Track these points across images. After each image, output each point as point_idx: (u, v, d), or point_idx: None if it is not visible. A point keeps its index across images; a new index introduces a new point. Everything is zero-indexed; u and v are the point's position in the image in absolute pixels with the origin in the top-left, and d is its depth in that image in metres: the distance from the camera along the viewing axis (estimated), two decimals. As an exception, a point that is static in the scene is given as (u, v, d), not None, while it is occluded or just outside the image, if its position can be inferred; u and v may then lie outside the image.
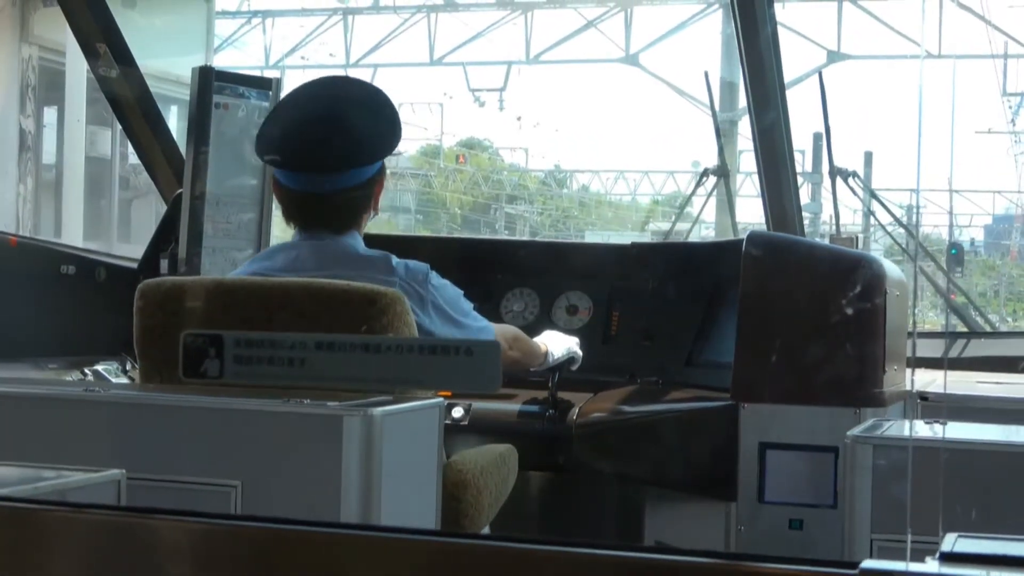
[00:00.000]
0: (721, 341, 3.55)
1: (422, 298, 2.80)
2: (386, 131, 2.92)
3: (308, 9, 22.60)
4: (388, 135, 2.92)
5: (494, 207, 30.29)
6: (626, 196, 31.46)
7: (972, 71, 19.18)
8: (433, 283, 2.87)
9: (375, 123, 2.91)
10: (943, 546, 1.14)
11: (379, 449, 2.05)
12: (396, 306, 2.55)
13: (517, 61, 22.45)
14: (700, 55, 31.48)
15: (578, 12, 21.54)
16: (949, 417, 2.38)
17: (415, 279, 2.84)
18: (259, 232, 3.96)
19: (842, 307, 3.02)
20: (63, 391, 2.46)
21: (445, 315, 2.86)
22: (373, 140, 2.89)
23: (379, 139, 2.90)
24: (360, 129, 2.88)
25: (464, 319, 2.92)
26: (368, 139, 2.88)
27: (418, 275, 2.86)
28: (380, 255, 2.88)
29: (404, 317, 2.56)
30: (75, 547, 1.32)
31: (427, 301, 2.82)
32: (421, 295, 2.81)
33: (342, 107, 2.92)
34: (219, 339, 1.59)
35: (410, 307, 2.63)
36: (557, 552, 1.20)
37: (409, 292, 2.74)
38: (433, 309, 2.84)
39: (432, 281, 2.87)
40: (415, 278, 2.84)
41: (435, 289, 2.87)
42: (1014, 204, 27.02)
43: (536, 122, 35.76)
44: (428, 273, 2.87)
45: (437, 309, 2.85)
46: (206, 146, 3.91)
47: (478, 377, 1.60)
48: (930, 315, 11.56)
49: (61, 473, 1.64)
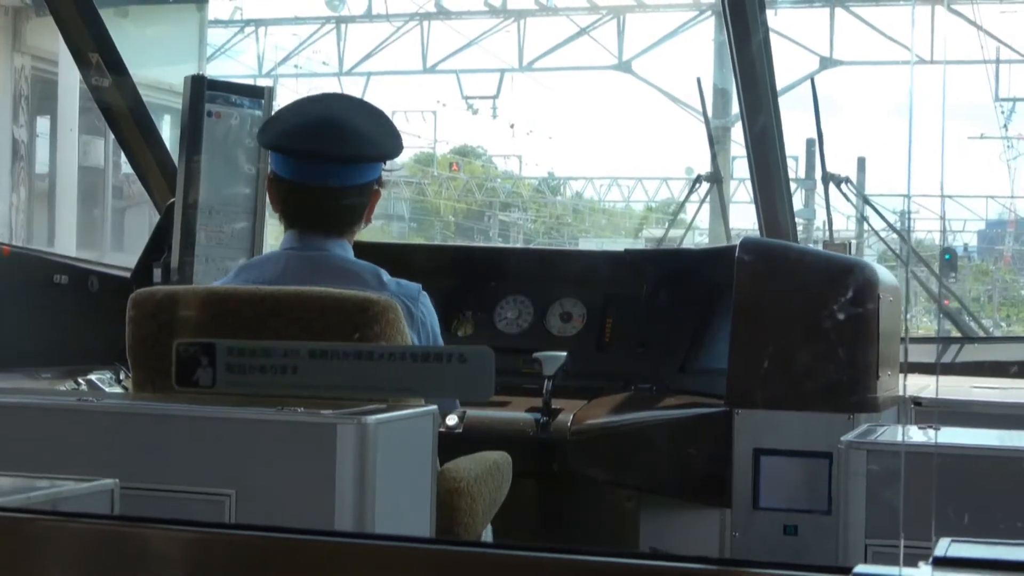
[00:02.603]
0: (715, 347, 3.55)
1: (411, 315, 2.81)
2: (389, 134, 2.98)
3: (301, 17, 22.60)
4: (391, 138, 2.98)
5: (488, 214, 30.30)
6: (620, 203, 31.46)
7: (964, 76, 19.19)
8: (423, 304, 2.90)
9: (378, 126, 2.96)
10: (936, 551, 1.14)
11: (373, 457, 2.04)
12: (388, 314, 2.55)
13: (510, 69, 22.47)
14: (693, 62, 31.53)
15: (571, 20, 21.57)
16: (942, 422, 2.38)
17: (408, 295, 2.85)
18: (252, 241, 3.95)
19: (835, 313, 3.03)
20: (56, 400, 2.45)
21: (427, 338, 2.87)
22: (377, 138, 2.94)
23: (382, 139, 2.96)
24: (364, 128, 2.94)
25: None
26: (372, 137, 2.93)
27: (411, 292, 2.87)
28: (371, 269, 2.89)
29: (396, 325, 2.56)
30: (69, 557, 1.32)
31: (415, 319, 2.84)
32: (411, 311, 2.82)
33: (346, 109, 3.01)
34: (211, 348, 1.59)
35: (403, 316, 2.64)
36: (552, 559, 1.20)
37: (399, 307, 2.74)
38: (421, 328, 2.85)
39: (423, 301, 2.89)
40: (408, 294, 2.85)
41: (425, 310, 2.89)
42: (1007, 209, 27.07)
43: (529, 129, 35.81)
44: (420, 293, 2.90)
45: (424, 329, 2.86)
46: (199, 155, 3.90)
47: (472, 385, 1.60)
48: (923, 320, 11.57)
49: (54, 483, 1.64)
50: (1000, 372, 3.99)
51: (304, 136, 2.92)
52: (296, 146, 2.91)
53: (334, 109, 2.99)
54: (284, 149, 2.93)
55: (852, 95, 40.17)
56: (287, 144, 2.92)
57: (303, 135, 2.92)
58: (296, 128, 2.93)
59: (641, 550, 3.51)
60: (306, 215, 2.94)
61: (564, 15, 21.72)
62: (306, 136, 2.92)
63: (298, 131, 2.92)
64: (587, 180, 30.90)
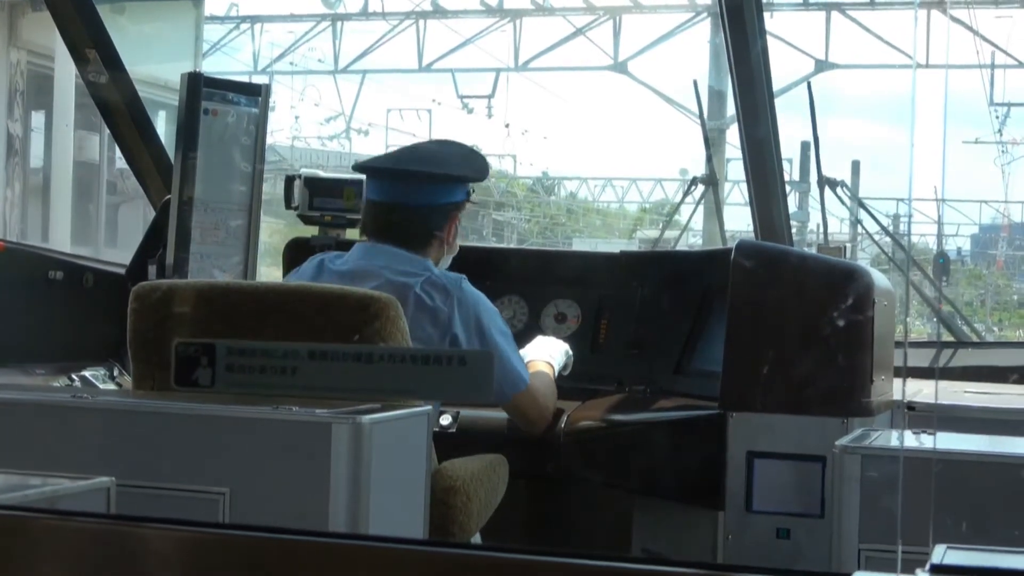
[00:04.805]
0: (709, 350, 3.55)
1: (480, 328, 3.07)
2: (467, 159, 3.26)
3: (297, 15, 22.54)
4: (469, 162, 3.25)
5: (482, 213, 30.26)
6: (614, 203, 31.43)
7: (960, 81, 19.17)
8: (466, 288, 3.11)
9: (458, 152, 3.26)
10: (933, 558, 1.14)
11: (368, 456, 2.04)
12: (389, 311, 2.55)
13: (506, 68, 22.43)
14: (688, 63, 31.51)
15: (567, 20, 21.52)
16: (936, 427, 2.38)
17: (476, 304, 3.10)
18: (247, 238, 3.95)
19: (831, 317, 3.03)
20: (50, 397, 2.45)
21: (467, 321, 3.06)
22: (452, 160, 3.22)
23: (459, 160, 3.23)
24: (442, 154, 3.25)
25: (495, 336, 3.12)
26: (448, 160, 3.21)
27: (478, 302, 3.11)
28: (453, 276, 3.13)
29: (397, 323, 2.57)
30: (66, 556, 1.32)
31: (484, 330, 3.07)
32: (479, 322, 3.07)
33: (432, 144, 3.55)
34: (211, 348, 1.58)
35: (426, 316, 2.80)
36: (546, 562, 1.20)
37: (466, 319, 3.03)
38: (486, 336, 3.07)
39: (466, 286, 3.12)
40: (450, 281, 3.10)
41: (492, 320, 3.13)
42: (1001, 214, 27.07)
43: (524, 129, 35.76)
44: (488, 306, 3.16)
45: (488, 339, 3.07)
46: (194, 151, 3.90)
47: (471, 387, 1.60)
48: (917, 324, 11.56)
49: (49, 480, 1.64)
50: (994, 377, 3.99)
51: (387, 159, 3.31)
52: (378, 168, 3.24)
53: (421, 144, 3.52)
54: (363, 168, 3.26)
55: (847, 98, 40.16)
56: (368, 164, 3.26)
57: (385, 160, 3.31)
58: (382, 156, 3.37)
59: (634, 551, 3.51)
60: (384, 225, 3.16)
61: (560, 15, 21.68)
62: (388, 159, 3.30)
63: (382, 158, 3.36)
64: (581, 180, 30.88)
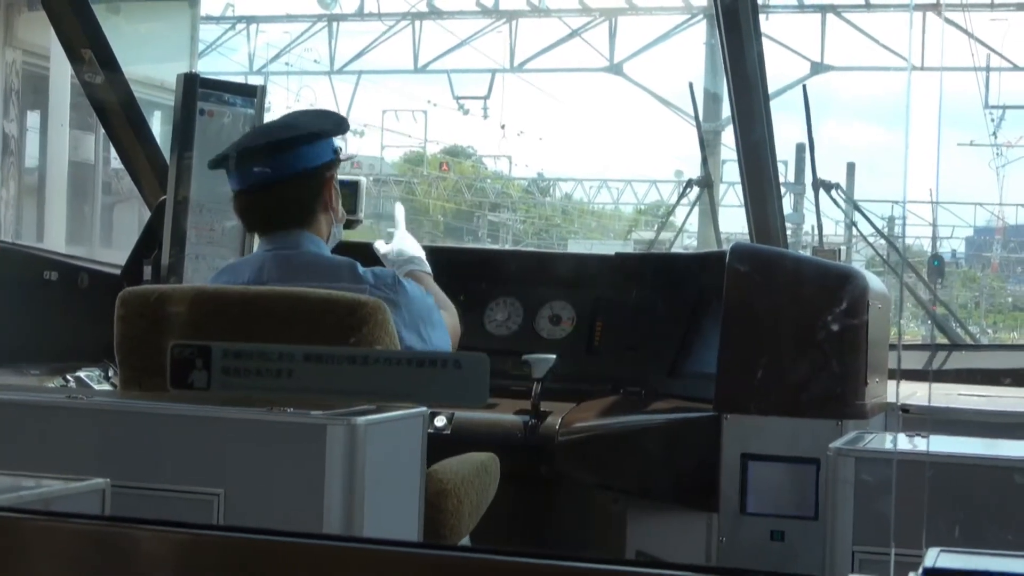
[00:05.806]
0: (704, 352, 3.55)
1: (395, 303, 2.81)
2: (321, 115, 3.09)
3: (293, 15, 22.54)
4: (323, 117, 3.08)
5: (477, 215, 30.27)
6: (609, 205, 31.43)
7: (955, 83, 19.20)
8: (404, 287, 2.91)
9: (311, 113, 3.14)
10: (926, 561, 1.14)
11: (362, 458, 2.04)
12: (378, 315, 2.55)
13: (501, 69, 22.43)
14: (684, 65, 31.52)
15: (563, 21, 21.53)
16: (930, 429, 2.38)
17: (384, 283, 2.85)
18: (243, 239, 3.94)
19: (826, 320, 3.03)
20: (45, 398, 2.45)
21: (413, 323, 2.87)
22: (303, 121, 3.03)
23: (311, 119, 3.05)
24: (294, 121, 3.06)
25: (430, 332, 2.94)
26: (298, 123, 3.02)
27: (386, 279, 2.87)
28: (346, 262, 2.90)
29: (385, 326, 2.57)
30: (61, 557, 1.32)
31: (400, 305, 2.84)
32: (393, 300, 2.82)
33: (280, 120, 3.20)
34: (207, 351, 1.58)
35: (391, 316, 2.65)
36: (540, 565, 1.20)
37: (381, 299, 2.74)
38: (406, 312, 2.85)
39: (403, 285, 2.91)
40: (384, 283, 2.85)
41: (406, 294, 2.89)
42: (995, 216, 27.08)
43: (520, 130, 35.80)
44: (395, 277, 2.91)
45: (409, 314, 2.86)
46: (190, 152, 3.89)
47: (466, 391, 1.60)
48: (911, 326, 11.58)
49: (43, 481, 1.64)
50: (988, 380, 4.00)
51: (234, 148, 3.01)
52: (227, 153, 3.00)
53: (269, 122, 3.26)
54: (221, 165, 3.01)
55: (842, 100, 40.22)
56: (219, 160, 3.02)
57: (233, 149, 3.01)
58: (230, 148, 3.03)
59: (628, 554, 3.51)
60: (260, 214, 2.99)
61: (556, 16, 21.68)
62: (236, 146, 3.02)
63: (232, 147, 3.02)
64: (577, 182, 30.87)
